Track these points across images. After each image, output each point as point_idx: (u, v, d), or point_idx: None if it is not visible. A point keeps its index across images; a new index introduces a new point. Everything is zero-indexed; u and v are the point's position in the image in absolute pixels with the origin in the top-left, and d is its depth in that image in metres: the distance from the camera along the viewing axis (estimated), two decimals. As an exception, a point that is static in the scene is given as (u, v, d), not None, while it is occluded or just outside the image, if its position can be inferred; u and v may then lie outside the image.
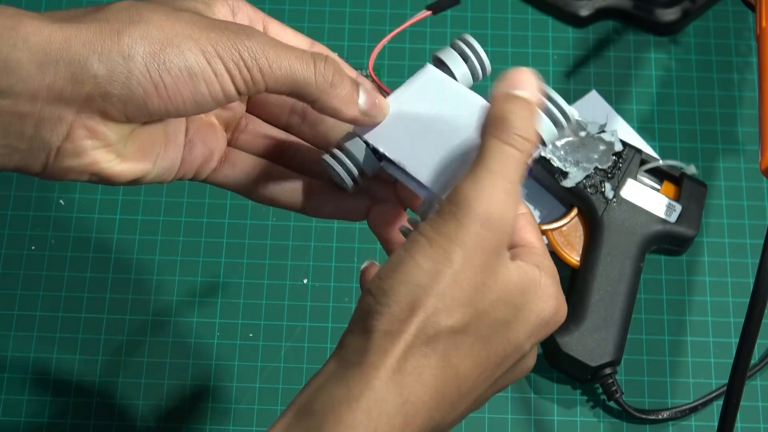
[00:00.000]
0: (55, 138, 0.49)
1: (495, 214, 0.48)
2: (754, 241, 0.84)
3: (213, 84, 0.50)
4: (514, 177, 0.49)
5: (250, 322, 0.81)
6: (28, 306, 0.81)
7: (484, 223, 0.48)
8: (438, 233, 0.48)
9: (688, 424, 0.79)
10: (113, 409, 0.78)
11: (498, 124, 0.49)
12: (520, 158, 0.49)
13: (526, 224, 0.53)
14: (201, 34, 0.49)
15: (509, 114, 0.49)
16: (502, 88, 0.50)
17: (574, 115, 0.53)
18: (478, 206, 0.48)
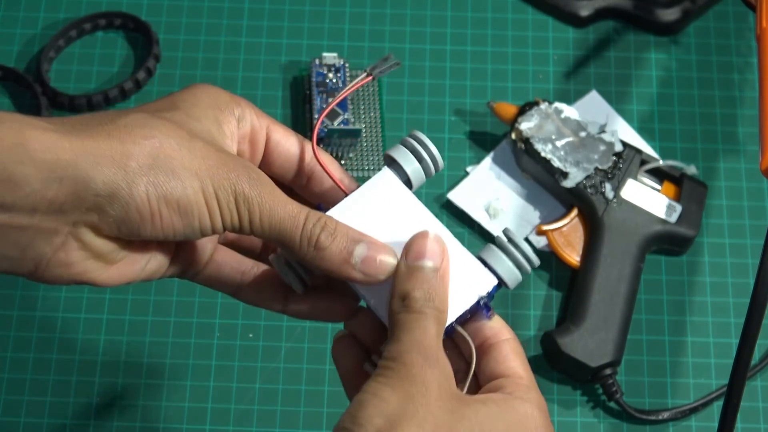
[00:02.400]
0: (48, 249, 0.50)
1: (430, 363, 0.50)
2: (755, 242, 0.84)
3: (204, 220, 0.51)
4: (430, 342, 0.50)
5: (250, 323, 0.81)
6: (28, 306, 0.81)
7: (425, 361, 0.49)
8: (392, 379, 0.49)
9: (689, 425, 0.79)
10: (113, 409, 0.78)
11: (402, 301, 0.51)
12: (431, 325, 0.51)
13: (510, 352, 0.54)
14: (207, 173, 0.50)
15: (413, 291, 0.51)
16: (406, 260, 0.52)
17: (535, 262, 0.54)
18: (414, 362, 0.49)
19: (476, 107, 0.88)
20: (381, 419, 0.47)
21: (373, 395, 0.48)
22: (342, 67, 0.87)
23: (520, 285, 0.82)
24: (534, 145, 0.81)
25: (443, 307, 0.52)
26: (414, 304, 0.51)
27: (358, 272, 0.53)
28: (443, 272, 0.52)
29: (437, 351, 0.50)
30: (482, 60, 0.90)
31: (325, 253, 0.52)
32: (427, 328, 0.50)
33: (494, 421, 0.50)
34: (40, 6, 0.91)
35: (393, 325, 0.51)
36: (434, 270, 0.52)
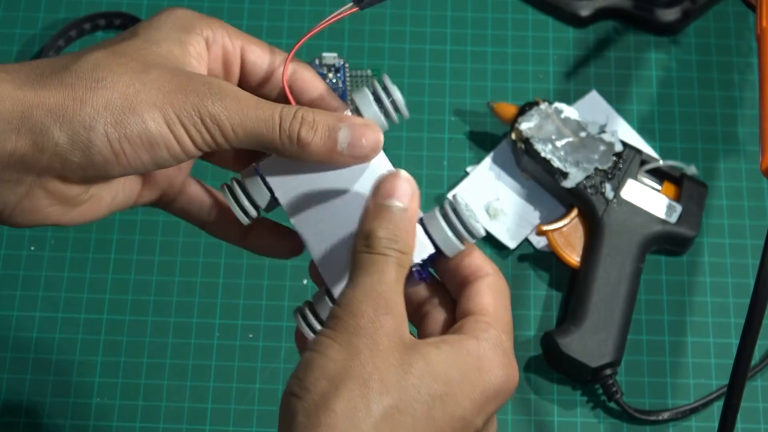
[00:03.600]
0: (13, 197, 0.50)
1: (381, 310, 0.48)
2: (755, 242, 0.84)
3: (174, 148, 0.50)
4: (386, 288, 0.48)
5: (250, 323, 0.81)
6: (28, 306, 0.81)
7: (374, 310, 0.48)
8: (340, 333, 0.47)
9: (689, 425, 0.79)
10: (113, 409, 0.78)
11: (365, 240, 0.49)
12: (391, 269, 0.49)
13: (485, 288, 0.52)
14: (165, 100, 0.50)
15: (377, 230, 0.49)
16: (375, 198, 0.50)
17: (480, 232, 0.52)
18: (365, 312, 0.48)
19: (476, 107, 0.88)
20: (326, 381, 0.46)
21: (319, 353, 0.47)
22: (342, 67, 0.87)
23: (520, 285, 0.82)
24: (534, 146, 0.81)
25: (407, 249, 0.50)
26: (376, 244, 0.49)
27: (347, 157, 0.52)
28: (411, 214, 0.50)
29: (392, 297, 0.48)
30: (482, 60, 0.90)
31: (310, 147, 0.51)
32: (385, 272, 0.49)
33: (446, 367, 0.48)
34: (40, 6, 0.91)
35: (353, 264, 0.49)
36: (402, 210, 0.50)
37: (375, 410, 0.46)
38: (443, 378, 0.47)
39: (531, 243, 0.83)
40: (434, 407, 0.47)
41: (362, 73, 0.88)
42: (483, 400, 0.48)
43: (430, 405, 0.47)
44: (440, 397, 0.47)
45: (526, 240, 0.83)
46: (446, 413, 0.47)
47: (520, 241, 0.83)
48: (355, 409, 0.46)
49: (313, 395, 0.46)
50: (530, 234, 0.83)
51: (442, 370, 0.48)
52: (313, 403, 0.46)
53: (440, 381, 0.47)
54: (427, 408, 0.47)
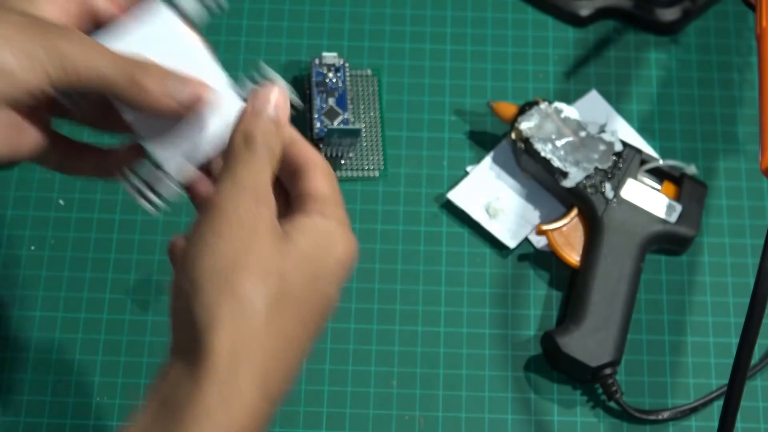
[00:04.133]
0: None
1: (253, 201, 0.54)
2: (755, 242, 0.84)
3: (23, 80, 0.53)
4: (262, 181, 0.55)
5: (250, 323, 0.80)
6: (28, 306, 0.81)
7: (254, 202, 0.54)
8: (225, 225, 0.53)
9: (689, 425, 0.79)
10: (113, 409, 0.78)
11: (244, 138, 0.56)
12: (266, 167, 0.55)
13: (319, 175, 0.57)
14: (15, 33, 0.53)
15: (255, 131, 0.56)
16: (253, 103, 0.57)
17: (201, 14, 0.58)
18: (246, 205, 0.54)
19: (476, 107, 0.88)
20: (216, 275, 0.52)
21: (206, 247, 0.52)
22: (342, 66, 0.87)
23: (520, 284, 0.82)
24: (534, 145, 0.81)
25: (278, 151, 0.56)
26: (253, 143, 0.55)
27: (180, 107, 0.57)
28: (283, 122, 0.57)
29: (268, 191, 0.54)
30: (482, 60, 0.90)
31: (147, 93, 0.55)
32: (262, 169, 0.55)
33: (312, 248, 0.54)
34: (40, 6, 0.91)
35: (231, 158, 0.55)
36: (273, 118, 0.56)
37: (263, 291, 0.52)
38: (311, 258, 0.54)
39: (531, 242, 0.83)
40: (309, 287, 0.54)
41: (362, 73, 0.88)
42: (339, 273, 0.55)
43: (306, 285, 0.53)
44: (312, 276, 0.54)
45: (526, 239, 0.83)
46: (318, 290, 0.54)
47: (520, 240, 0.83)
48: (247, 298, 0.51)
49: (205, 289, 0.52)
50: (530, 233, 0.83)
51: (309, 252, 0.54)
52: (206, 296, 0.51)
53: (310, 262, 0.54)
54: (304, 288, 0.53)
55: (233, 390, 0.50)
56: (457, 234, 0.84)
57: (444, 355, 0.80)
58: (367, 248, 0.83)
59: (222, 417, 0.50)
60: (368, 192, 0.85)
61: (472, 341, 0.80)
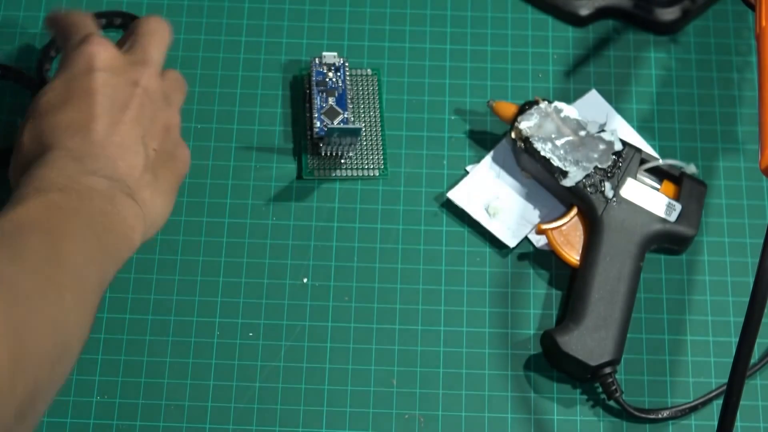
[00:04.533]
0: None
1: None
2: (754, 241, 0.84)
3: None
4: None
5: (250, 322, 0.81)
6: (28, 305, 0.81)
7: None
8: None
9: (688, 423, 0.79)
10: (113, 408, 0.78)
11: None
12: None
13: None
14: None
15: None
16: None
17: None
18: None
19: (476, 106, 0.88)
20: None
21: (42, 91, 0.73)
22: (342, 66, 0.87)
23: (520, 283, 0.82)
24: (534, 144, 0.81)
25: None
26: None
27: None
28: None
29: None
30: (482, 59, 0.90)
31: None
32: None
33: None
34: (40, 6, 0.91)
35: None
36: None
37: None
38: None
39: (531, 242, 0.83)
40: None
41: (362, 73, 0.88)
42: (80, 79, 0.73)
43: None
44: None
45: (525, 239, 0.83)
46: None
47: (519, 239, 0.83)
48: None
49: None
50: (530, 233, 0.83)
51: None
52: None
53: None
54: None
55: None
56: (456, 233, 0.84)
57: (444, 354, 0.80)
58: (368, 247, 0.83)
59: None
60: (368, 191, 0.85)
61: (472, 340, 0.80)
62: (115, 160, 0.70)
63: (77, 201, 0.66)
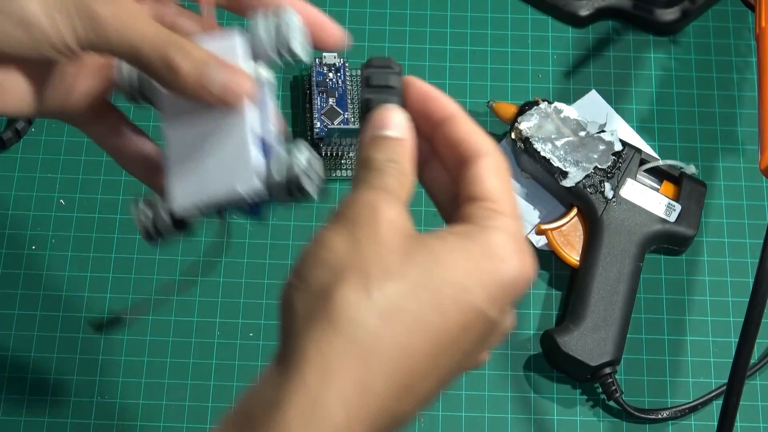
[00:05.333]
0: None
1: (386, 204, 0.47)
2: (754, 241, 0.84)
3: (50, 35, 0.50)
4: (388, 188, 0.47)
5: (250, 322, 0.81)
6: (29, 306, 0.81)
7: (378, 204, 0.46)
8: (338, 223, 0.46)
9: (688, 424, 0.79)
10: (113, 408, 0.78)
11: (362, 165, 0.48)
12: (388, 180, 0.48)
13: (485, 170, 0.48)
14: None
15: (372, 154, 0.48)
16: (368, 132, 0.49)
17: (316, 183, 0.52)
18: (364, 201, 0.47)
19: (476, 107, 0.88)
20: (325, 271, 0.45)
21: (318, 245, 0.46)
22: (342, 66, 0.87)
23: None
24: (534, 145, 0.82)
25: (406, 171, 0.48)
26: (374, 163, 0.48)
27: (212, 97, 0.51)
28: (408, 145, 0.49)
29: (393, 192, 0.47)
30: (482, 59, 0.90)
31: (179, 75, 0.50)
32: (384, 179, 0.47)
33: (453, 259, 0.45)
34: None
35: (352, 188, 0.48)
36: (398, 140, 0.48)
37: (377, 298, 0.44)
38: (451, 266, 0.45)
39: (531, 242, 0.83)
40: (441, 294, 0.45)
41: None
42: (497, 290, 0.45)
43: (436, 291, 0.44)
44: (448, 284, 0.45)
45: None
46: (455, 300, 0.45)
47: (519, 240, 0.83)
48: (357, 298, 0.44)
49: (313, 287, 0.45)
50: (530, 233, 0.83)
51: (449, 259, 0.45)
52: (313, 295, 0.45)
53: (447, 268, 0.45)
54: (433, 294, 0.44)
55: (318, 408, 0.43)
56: (457, 233, 0.84)
57: (444, 354, 0.80)
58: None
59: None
60: (368, 191, 0.85)
61: (472, 340, 0.80)
62: None
63: None
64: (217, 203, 0.52)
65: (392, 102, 0.50)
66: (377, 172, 0.47)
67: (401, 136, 0.49)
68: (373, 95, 0.50)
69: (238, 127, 0.51)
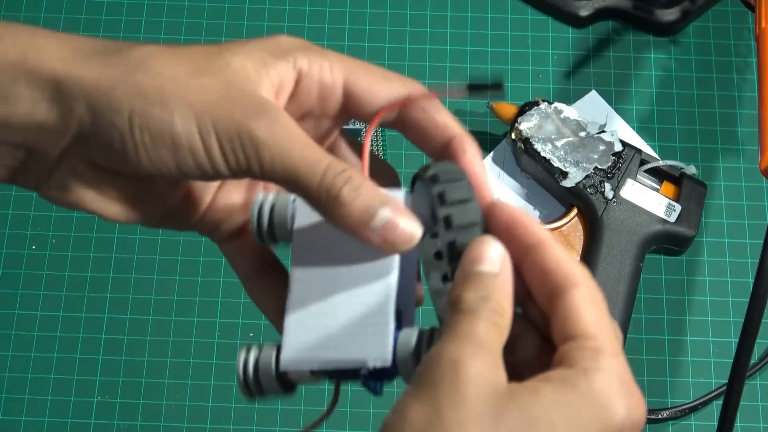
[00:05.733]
0: (44, 169, 0.48)
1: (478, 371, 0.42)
2: (754, 241, 0.84)
3: (200, 156, 0.45)
4: (473, 335, 0.42)
5: (250, 322, 0.81)
6: (29, 305, 0.81)
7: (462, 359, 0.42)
8: (418, 387, 0.42)
9: (688, 424, 0.79)
10: (113, 408, 0.78)
11: (452, 306, 0.44)
12: (480, 323, 0.43)
13: (582, 303, 0.43)
14: (205, 106, 0.45)
15: (464, 293, 0.44)
16: (462, 267, 0.45)
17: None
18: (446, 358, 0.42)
19: (476, 107, 0.88)
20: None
21: (397, 414, 0.42)
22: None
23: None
24: (534, 145, 0.82)
25: (501, 309, 0.43)
26: (464, 304, 0.43)
27: (377, 236, 0.45)
28: (504, 279, 0.44)
29: (481, 341, 0.42)
30: (482, 60, 0.90)
31: (344, 209, 0.45)
32: (473, 323, 0.42)
33: (550, 413, 0.40)
34: (41, 6, 0.91)
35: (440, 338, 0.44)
36: (493, 275, 0.44)
37: None
38: (546, 426, 0.40)
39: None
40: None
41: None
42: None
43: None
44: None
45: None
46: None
47: (519, 240, 0.83)
48: None
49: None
50: (530, 233, 0.83)
51: (544, 417, 0.40)
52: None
53: (542, 428, 0.40)
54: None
55: None
56: (457, 234, 0.84)
57: (444, 354, 0.80)
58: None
59: None
60: (368, 192, 0.85)
61: (472, 341, 0.81)
62: None
63: None
64: (334, 369, 0.46)
65: (475, 229, 0.45)
66: (466, 314, 0.43)
67: (496, 271, 0.44)
68: (456, 226, 0.46)
69: (385, 287, 0.46)
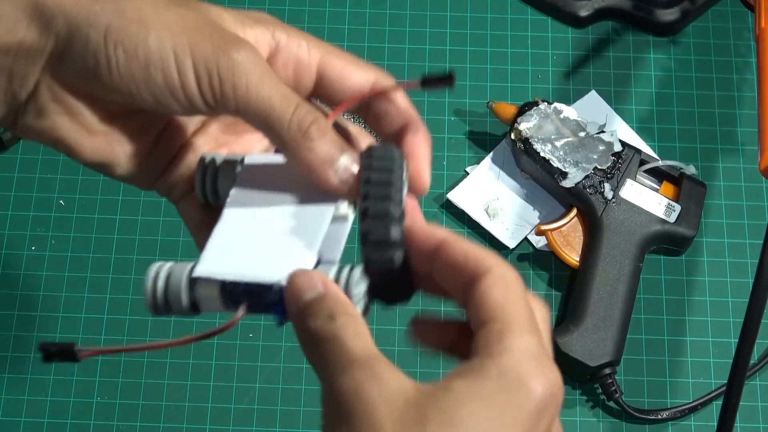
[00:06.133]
0: (23, 93, 0.48)
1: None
2: (754, 241, 0.84)
3: (172, 79, 0.45)
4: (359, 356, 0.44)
5: (250, 323, 0.81)
6: (28, 306, 0.81)
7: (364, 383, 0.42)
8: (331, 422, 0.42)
9: (688, 424, 0.79)
10: (113, 408, 0.78)
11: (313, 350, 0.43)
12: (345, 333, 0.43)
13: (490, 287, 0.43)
14: (184, 32, 0.45)
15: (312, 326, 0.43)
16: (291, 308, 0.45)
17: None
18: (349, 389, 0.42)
19: (476, 107, 0.88)
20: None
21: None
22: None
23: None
24: (533, 145, 0.82)
25: (351, 318, 0.44)
26: (319, 333, 0.43)
27: (335, 178, 0.46)
28: (331, 291, 0.45)
29: (361, 359, 0.43)
30: (482, 60, 0.90)
31: (312, 144, 0.45)
32: (340, 348, 0.43)
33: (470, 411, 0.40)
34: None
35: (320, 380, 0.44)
36: (321, 295, 0.45)
37: None
38: (469, 419, 0.39)
39: (530, 243, 0.83)
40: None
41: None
42: (529, 419, 0.40)
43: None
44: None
45: (525, 240, 0.83)
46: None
47: (519, 240, 0.83)
48: None
49: None
50: (530, 234, 0.83)
51: (465, 412, 0.40)
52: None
53: (464, 425, 0.39)
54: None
55: None
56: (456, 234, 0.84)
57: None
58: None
59: None
60: (368, 192, 0.85)
61: (472, 341, 0.81)
62: None
63: None
64: (242, 284, 0.46)
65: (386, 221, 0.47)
66: (326, 343, 0.42)
67: (321, 291, 0.44)
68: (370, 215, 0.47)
69: (316, 224, 0.47)
